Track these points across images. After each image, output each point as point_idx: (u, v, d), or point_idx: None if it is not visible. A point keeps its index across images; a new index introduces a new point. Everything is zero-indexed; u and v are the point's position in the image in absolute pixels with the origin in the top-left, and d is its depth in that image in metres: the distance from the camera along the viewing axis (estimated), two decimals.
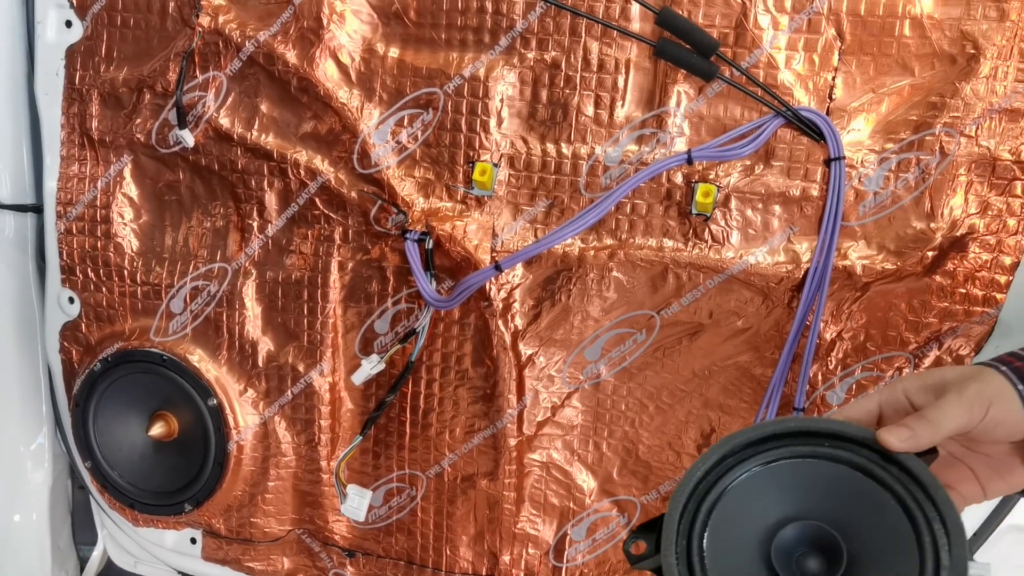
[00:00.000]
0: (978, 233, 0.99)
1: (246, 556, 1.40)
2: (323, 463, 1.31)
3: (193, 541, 1.44)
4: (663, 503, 1.21)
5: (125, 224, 1.31)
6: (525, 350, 1.19)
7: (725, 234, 1.08)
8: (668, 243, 1.10)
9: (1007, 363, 0.72)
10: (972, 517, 1.09)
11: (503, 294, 1.15)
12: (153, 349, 1.30)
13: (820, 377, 1.08)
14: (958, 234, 0.99)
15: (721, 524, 0.70)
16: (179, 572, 1.53)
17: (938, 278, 1.01)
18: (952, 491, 0.71)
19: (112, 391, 1.33)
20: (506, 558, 1.28)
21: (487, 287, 1.14)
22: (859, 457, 0.69)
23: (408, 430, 1.27)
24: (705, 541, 0.70)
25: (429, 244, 1.14)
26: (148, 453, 1.35)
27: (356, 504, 1.23)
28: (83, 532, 1.69)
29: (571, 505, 1.25)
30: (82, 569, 1.69)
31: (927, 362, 1.03)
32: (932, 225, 1.00)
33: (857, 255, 1.03)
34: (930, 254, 1.00)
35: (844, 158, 1.00)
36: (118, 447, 1.35)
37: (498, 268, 1.09)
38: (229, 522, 1.38)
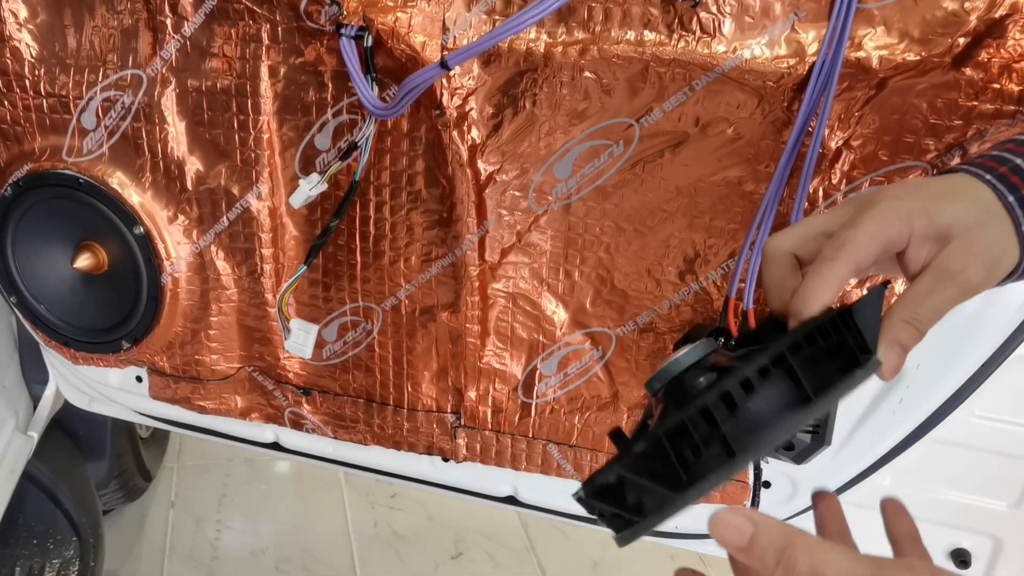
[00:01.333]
0: (1021, 14, 0.81)
1: (196, 395, 1.31)
2: (268, 296, 1.19)
3: (139, 380, 1.35)
4: (640, 335, 1.10)
5: (20, 25, 1.12)
6: (485, 167, 1.03)
7: (716, 23, 0.90)
8: (649, 36, 0.92)
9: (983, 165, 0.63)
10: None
11: (457, 101, 0.99)
12: (67, 171, 1.14)
13: (821, 193, 0.94)
14: (997, 15, 0.81)
15: None
16: (134, 411, 1.45)
17: (968, 71, 0.84)
18: None
19: (29, 219, 1.19)
20: (472, 394, 1.19)
21: (437, 92, 0.97)
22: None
23: (359, 259, 1.14)
24: None
25: (368, 41, 0.96)
26: (78, 287, 1.23)
27: (300, 340, 1.12)
28: (37, 372, 1.61)
29: (540, 338, 1.14)
30: (36, 407, 1.62)
31: None
32: (966, 5, 0.82)
33: (874, 44, 0.86)
34: (961, 41, 0.83)
35: None
36: (43, 281, 1.23)
37: (444, 66, 0.92)
38: (173, 360, 1.28)
